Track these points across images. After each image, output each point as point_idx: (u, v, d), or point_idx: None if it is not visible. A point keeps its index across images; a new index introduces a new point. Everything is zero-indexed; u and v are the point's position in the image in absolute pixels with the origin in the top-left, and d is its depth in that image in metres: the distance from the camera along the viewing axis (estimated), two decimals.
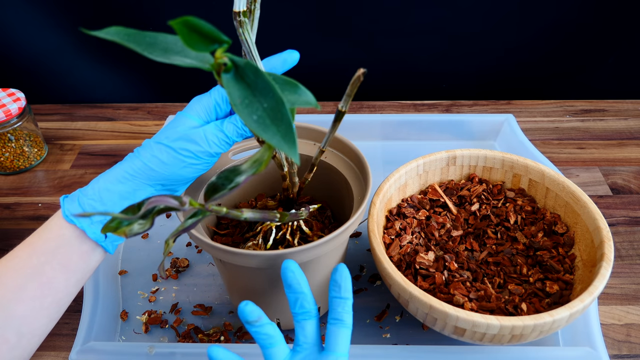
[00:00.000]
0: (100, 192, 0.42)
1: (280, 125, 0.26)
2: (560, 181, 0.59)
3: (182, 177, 0.44)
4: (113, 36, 0.26)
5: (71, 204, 0.42)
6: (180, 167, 0.43)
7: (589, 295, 0.47)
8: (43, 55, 0.93)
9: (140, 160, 0.43)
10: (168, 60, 0.27)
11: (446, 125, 0.84)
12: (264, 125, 0.26)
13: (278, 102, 0.26)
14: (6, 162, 0.80)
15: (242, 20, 0.38)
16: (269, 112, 0.26)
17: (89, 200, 0.42)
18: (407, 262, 0.56)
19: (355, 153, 0.56)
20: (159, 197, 0.31)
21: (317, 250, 0.47)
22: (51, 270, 0.42)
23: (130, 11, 0.89)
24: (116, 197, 0.42)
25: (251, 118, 0.26)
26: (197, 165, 0.44)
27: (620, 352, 0.56)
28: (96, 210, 0.42)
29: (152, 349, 0.52)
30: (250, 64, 0.27)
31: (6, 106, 0.76)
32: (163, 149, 0.43)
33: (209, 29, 0.26)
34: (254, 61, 0.43)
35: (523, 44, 0.92)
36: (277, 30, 0.91)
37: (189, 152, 0.43)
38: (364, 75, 0.38)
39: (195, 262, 0.66)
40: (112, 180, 0.43)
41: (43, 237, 0.42)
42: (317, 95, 1.15)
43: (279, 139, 0.25)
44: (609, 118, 0.89)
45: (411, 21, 0.90)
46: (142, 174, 0.43)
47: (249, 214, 0.37)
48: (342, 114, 0.44)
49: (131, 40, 0.26)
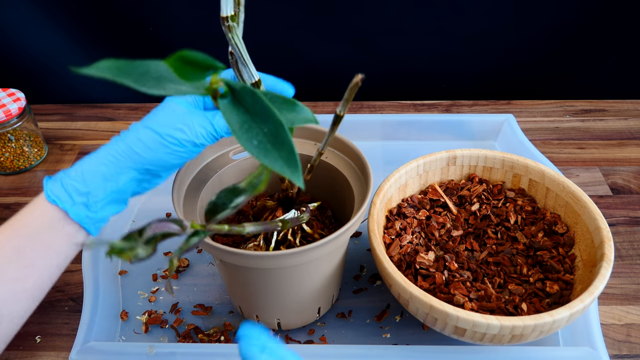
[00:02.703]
0: (83, 174, 0.42)
1: (281, 150, 0.25)
2: (560, 181, 0.59)
3: (167, 162, 0.44)
4: (104, 72, 0.25)
5: (54, 185, 0.42)
6: (164, 153, 0.43)
7: (589, 295, 0.47)
8: (43, 55, 0.93)
9: (125, 143, 0.43)
10: (163, 91, 0.27)
11: (446, 125, 0.84)
12: (265, 150, 0.25)
13: (278, 125, 0.25)
14: (6, 162, 0.80)
15: (230, 25, 0.38)
16: (270, 136, 0.25)
17: (72, 181, 0.42)
18: (407, 262, 0.56)
19: (356, 153, 0.56)
20: (160, 224, 0.31)
21: (318, 251, 0.47)
22: (33, 253, 0.41)
23: (130, 11, 0.89)
24: (99, 178, 0.42)
25: (251, 143, 0.25)
26: (181, 153, 0.43)
27: (620, 352, 0.56)
28: (78, 190, 0.41)
29: (152, 349, 0.52)
30: (247, 88, 0.26)
31: (6, 106, 0.76)
32: (149, 133, 0.42)
33: (203, 58, 0.26)
34: (246, 66, 0.43)
35: (523, 44, 0.92)
36: (278, 31, 0.91)
37: (174, 140, 0.42)
38: (362, 81, 0.38)
39: (195, 262, 0.66)
40: (96, 162, 0.42)
41: (25, 219, 0.42)
42: (317, 95, 1.15)
43: (282, 164, 0.25)
44: (609, 118, 0.89)
45: (411, 21, 0.90)
46: (126, 157, 0.42)
47: (251, 228, 0.37)
48: (340, 118, 0.44)
49: (122, 74, 0.26)
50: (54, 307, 0.62)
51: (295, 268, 0.49)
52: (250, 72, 0.43)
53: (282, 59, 0.95)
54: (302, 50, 0.95)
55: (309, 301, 0.55)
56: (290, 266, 0.48)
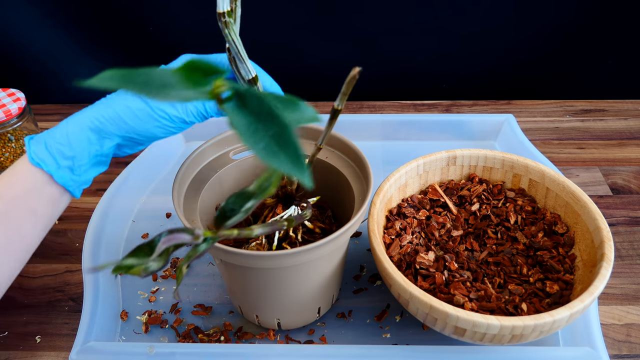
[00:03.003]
0: (68, 136, 0.41)
1: (288, 151, 0.25)
2: (560, 181, 0.59)
3: (153, 134, 0.44)
4: (107, 82, 0.25)
5: (37, 147, 0.41)
6: (153, 126, 0.42)
7: (589, 295, 0.47)
8: (43, 55, 0.93)
9: (113, 109, 0.42)
10: (168, 98, 0.27)
11: (446, 125, 0.84)
12: (271, 152, 0.25)
13: (284, 128, 0.25)
14: (6, 162, 0.80)
15: (227, 20, 0.38)
16: (276, 138, 0.26)
17: (57, 144, 0.41)
18: (407, 262, 0.56)
19: (356, 153, 0.56)
20: (172, 236, 0.30)
21: (319, 251, 0.47)
22: (18, 216, 0.41)
23: (130, 11, 0.89)
24: (85, 142, 0.42)
25: (258, 146, 0.26)
26: (169, 127, 0.43)
27: (620, 352, 0.56)
28: (63, 154, 0.41)
29: (152, 349, 0.52)
30: (252, 91, 0.26)
31: (6, 106, 0.76)
32: (140, 104, 0.42)
33: (209, 65, 0.26)
34: (243, 62, 0.43)
35: (523, 43, 0.92)
36: (278, 31, 0.91)
37: (165, 114, 0.42)
38: (359, 74, 0.38)
39: (195, 262, 0.66)
40: (82, 125, 0.42)
41: (9, 182, 0.41)
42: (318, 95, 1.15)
43: (289, 165, 0.25)
44: (609, 118, 0.89)
45: (411, 21, 0.90)
46: (112, 123, 0.42)
47: (259, 231, 0.37)
48: (337, 112, 0.44)
49: (125, 83, 0.26)
50: (54, 307, 0.62)
51: (295, 268, 0.49)
52: (247, 68, 0.43)
53: (282, 59, 0.95)
54: (302, 50, 0.95)
55: (309, 301, 0.55)
56: (290, 266, 0.48)
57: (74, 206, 0.76)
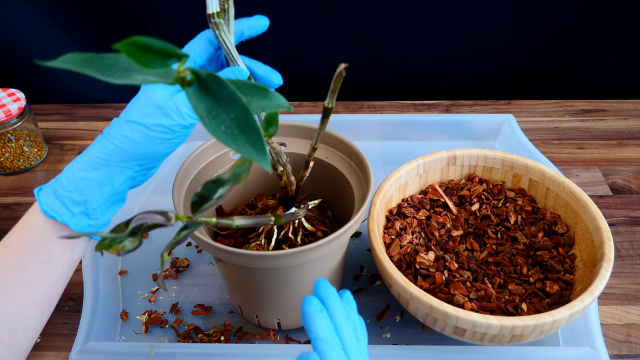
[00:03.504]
0: (76, 182, 0.40)
1: (249, 134, 0.25)
2: (560, 181, 0.59)
3: (159, 153, 0.41)
4: (68, 64, 0.25)
5: (47, 198, 0.40)
6: (155, 145, 0.40)
7: (589, 295, 0.47)
8: (43, 55, 0.93)
9: (111, 142, 0.40)
10: (129, 80, 0.27)
11: (446, 125, 0.84)
12: (232, 135, 0.26)
13: (244, 111, 0.26)
14: (6, 162, 0.80)
15: (217, 21, 0.37)
16: (237, 121, 0.26)
17: (66, 192, 0.40)
18: (407, 262, 0.56)
19: (357, 153, 0.56)
20: (144, 215, 0.31)
21: (319, 251, 0.47)
22: (35, 267, 0.40)
23: (130, 11, 0.89)
24: (93, 185, 0.40)
25: (219, 129, 0.26)
26: (172, 139, 0.41)
27: (620, 352, 0.56)
28: (74, 201, 0.40)
29: (152, 349, 0.52)
30: (213, 75, 0.26)
31: (6, 106, 0.76)
32: (134, 127, 0.40)
33: (161, 45, 0.26)
34: (235, 62, 0.42)
35: (523, 44, 0.92)
36: (278, 30, 0.91)
37: (162, 127, 0.40)
38: (345, 70, 0.37)
39: (195, 262, 0.66)
40: (86, 167, 0.40)
41: (22, 234, 0.41)
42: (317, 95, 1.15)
43: (249, 148, 0.25)
44: (609, 118, 0.89)
45: (411, 21, 0.90)
46: (115, 157, 0.40)
47: (240, 221, 0.36)
48: (329, 110, 0.43)
49: (87, 65, 0.26)
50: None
51: (295, 268, 0.49)
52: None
53: (282, 59, 0.95)
54: (302, 50, 0.95)
55: None
56: (290, 266, 0.48)
57: None
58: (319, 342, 0.35)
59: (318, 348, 0.35)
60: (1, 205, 0.76)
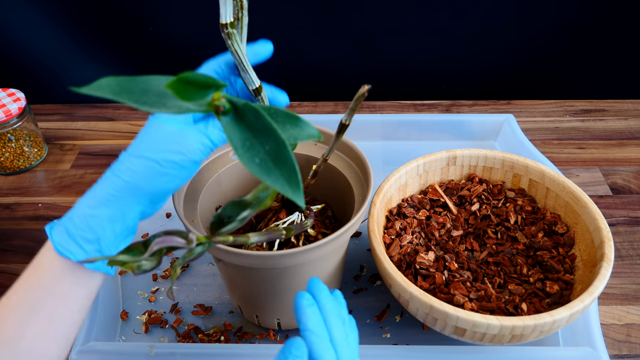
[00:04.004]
0: (87, 220, 0.40)
1: (283, 168, 0.25)
2: (560, 181, 0.59)
3: (168, 189, 0.41)
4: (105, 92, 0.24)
5: (60, 236, 0.40)
6: (165, 181, 0.40)
7: (589, 295, 0.47)
8: (43, 56, 0.93)
9: (122, 179, 0.40)
10: (165, 109, 0.26)
11: (446, 125, 0.84)
12: (267, 168, 0.25)
13: (280, 144, 0.25)
14: (6, 162, 0.80)
15: (230, 32, 0.36)
16: (271, 154, 0.25)
17: (79, 231, 0.40)
18: (407, 262, 0.56)
19: (357, 153, 0.56)
20: (164, 237, 0.30)
21: (319, 251, 0.47)
22: (51, 304, 0.40)
23: (130, 11, 0.89)
24: (105, 222, 0.40)
25: (253, 161, 0.25)
26: (182, 176, 0.40)
27: (620, 352, 0.56)
28: (87, 239, 0.40)
29: (152, 349, 0.52)
30: (249, 105, 0.26)
31: (6, 106, 0.76)
32: (145, 163, 0.39)
33: (204, 79, 0.25)
34: (246, 72, 0.41)
35: (523, 44, 0.92)
36: (278, 31, 0.91)
37: (174, 164, 0.39)
38: (368, 92, 0.38)
39: (195, 262, 0.66)
40: (97, 204, 0.40)
41: (37, 274, 0.41)
42: (317, 95, 1.14)
43: (283, 183, 0.25)
44: (609, 118, 0.89)
45: (412, 21, 0.90)
46: (126, 193, 0.40)
47: (255, 239, 0.36)
48: (345, 126, 0.43)
49: (123, 91, 0.25)
50: None
51: (295, 268, 0.49)
52: (250, 78, 0.42)
53: (282, 59, 0.95)
54: (302, 51, 0.95)
55: None
56: (290, 266, 0.48)
57: None
58: (308, 333, 0.38)
59: (307, 339, 0.38)
60: (1, 205, 0.76)
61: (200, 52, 1.01)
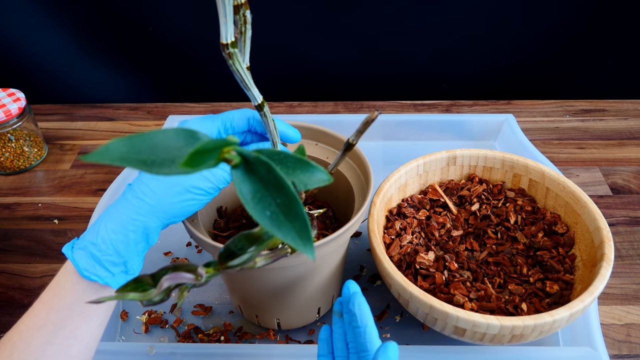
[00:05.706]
0: (114, 245, 0.40)
1: (295, 222, 0.24)
2: (560, 181, 0.59)
3: (188, 212, 0.43)
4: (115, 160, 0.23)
5: (84, 261, 0.40)
6: (190, 205, 0.42)
7: (589, 295, 0.47)
8: (43, 55, 0.93)
9: (147, 203, 0.41)
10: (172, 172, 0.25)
11: (446, 125, 0.84)
12: (277, 221, 0.25)
13: (291, 198, 0.25)
14: (6, 162, 0.80)
15: (231, 52, 0.34)
16: (283, 207, 0.25)
17: (105, 256, 0.40)
18: (407, 262, 0.56)
19: (357, 153, 0.56)
20: (174, 274, 0.30)
21: (319, 251, 0.47)
22: (72, 322, 0.41)
23: (130, 11, 0.89)
24: (132, 245, 0.41)
25: (264, 214, 0.25)
26: (205, 200, 0.43)
27: (620, 352, 0.56)
28: (115, 263, 0.41)
29: (152, 349, 0.52)
30: (261, 160, 0.26)
31: (6, 106, 0.76)
32: (174, 189, 0.41)
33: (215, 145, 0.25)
34: (249, 90, 0.41)
35: (523, 44, 0.92)
36: (278, 31, 0.91)
37: (201, 190, 0.41)
38: (377, 117, 0.38)
39: (195, 262, 0.66)
40: (122, 229, 0.41)
41: (59, 295, 0.41)
42: (317, 95, 1.14)
43: (294, 236, 0.24)
44: (609, 118, 0.89)
45: (411, 21, 0.90)
46: (151, 217, 0.41)
47: (262, 263, 0.36)
48: (351, 145, 0.44)
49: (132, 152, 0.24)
50: None
51: (295, 268, 0.49)
52: (253, 95, 0.42)
53: (282, 59, 0.95)
54: (302, 51, 0.95)
55: (309, 301, 0.55)
56: (290, 266, 0.48)
57: (74, 206, 0.76)
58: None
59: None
60: (1, 205, 0.76)
61: (200, 51, 1.02)
